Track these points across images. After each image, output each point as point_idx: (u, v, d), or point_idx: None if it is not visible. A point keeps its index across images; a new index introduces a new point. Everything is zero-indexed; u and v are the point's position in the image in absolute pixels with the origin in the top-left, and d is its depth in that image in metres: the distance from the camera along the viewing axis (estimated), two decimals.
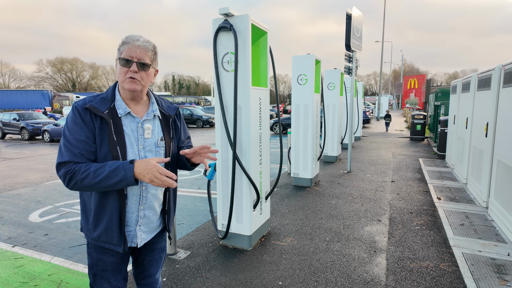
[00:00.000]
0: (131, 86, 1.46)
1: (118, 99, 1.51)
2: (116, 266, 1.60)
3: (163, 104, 1.67)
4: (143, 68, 1.46)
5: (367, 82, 75.81)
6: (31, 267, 3.26)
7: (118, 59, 1.46)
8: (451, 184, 5.99)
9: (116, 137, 1.44)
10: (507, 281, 2.75)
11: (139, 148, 1.51)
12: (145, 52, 1.45)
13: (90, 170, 1.36)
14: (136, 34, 1.47)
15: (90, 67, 64.37)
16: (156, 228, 1.68)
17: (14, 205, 5.36)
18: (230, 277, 2.98)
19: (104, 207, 1.48)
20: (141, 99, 1.57)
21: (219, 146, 3.52)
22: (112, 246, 1.51)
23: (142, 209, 1.55)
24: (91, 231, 1.52)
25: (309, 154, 6.14)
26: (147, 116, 1.56)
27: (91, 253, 1.58)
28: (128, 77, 1.45)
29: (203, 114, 22.51)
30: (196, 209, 4.99)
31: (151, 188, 1.55)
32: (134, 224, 1.56)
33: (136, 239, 1.58)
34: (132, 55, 1.43)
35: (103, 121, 1.44)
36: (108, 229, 1.48)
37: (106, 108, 1.45)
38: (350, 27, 6.92)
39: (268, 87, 3.75)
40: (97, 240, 1.52)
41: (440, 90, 11.73)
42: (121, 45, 1.46)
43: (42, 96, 33.74)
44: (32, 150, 12.33)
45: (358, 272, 3.04)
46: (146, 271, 1.74)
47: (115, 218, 1.48)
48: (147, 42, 1.47)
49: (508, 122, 3.83)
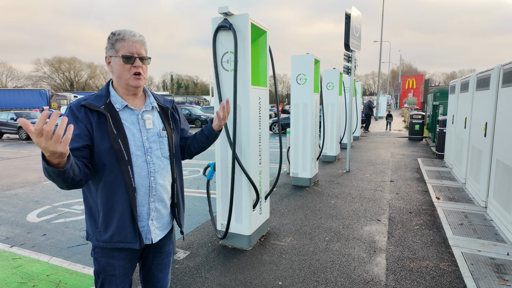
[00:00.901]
0: (137, 83, 1.49)
1: (114, 94, 1.50)
2: (125, 270, 1.56)
3: (158, 98, 1.69)
4: (143, 62, 1.50)
5: (365, 82, 75.98)
6: (29, 267, 3.24)
7: (116, 57, 1.45)
8: (449, 183, 6.00)
9: (116, 130, 1.43)
10: (506, 280, 2.75)
11: (143, 139, 1.50)
12: (142, 46, 1.49)
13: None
14: (127, 29, 1.47)
15: (88, 67, 64.21)
16: (168, 224, 1.66)
17: (12, 205, 5.33)
18: (229, 277, 2.97)
19: (113, 205, 1.45)
20: (139, 92, 1.58)
21: (218, 146, 3.51)
22: (127, 244, 1.48)
23: (153, 201, 1.53)
24: (102, 233, 1.47)
25: (308, 153, 6.13)
26: (146, 107, 1.56)
27: (98, 258, 1.52)
28: (133, 73, 1.46)
29: (202, 113, 22.50)
30: (195, 209, 4.98)
31: (159, 178, 1.53)
32: (146, 219, 1.53)
33: (150, 235, 1.55)
34: (132, 51, 1.45)
35: (100, 116, 1.42)
36: (120, 227, 1.45)
37: (102, 103, 1.45)
38: (349, 27, 6.92)
39: (267, 86, 3.74)
40: (110, 242, 1.47)
41: (438, 90, 11.76)
42: (115, 42, 1.44)
43: (40, 95, 33.62)
44: (29, 150, 12.27)
45: (358, 272, 3.03)
46: (155, 276, 1.71)
47: (127, 214, 1.45)
48: (142, 36, 1.51)
49: (507, 121, 3.84)
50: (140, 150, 1.48)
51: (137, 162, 1.47)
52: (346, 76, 10.70)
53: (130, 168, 1.43)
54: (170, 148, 1.60)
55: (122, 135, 1.43)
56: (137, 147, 1.47)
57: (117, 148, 1.40)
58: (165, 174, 1.57)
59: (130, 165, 1.43)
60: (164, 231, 1.63)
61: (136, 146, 1.47)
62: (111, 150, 1.40)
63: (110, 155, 1.41)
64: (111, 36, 1.46)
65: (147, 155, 1.50)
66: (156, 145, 1.54)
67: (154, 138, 1.54)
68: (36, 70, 58.31)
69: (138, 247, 1.48)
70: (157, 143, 1.54)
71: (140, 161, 1.48)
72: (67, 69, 61.19)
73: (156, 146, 1.54)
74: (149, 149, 1.51)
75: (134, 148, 1.46)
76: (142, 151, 1.49)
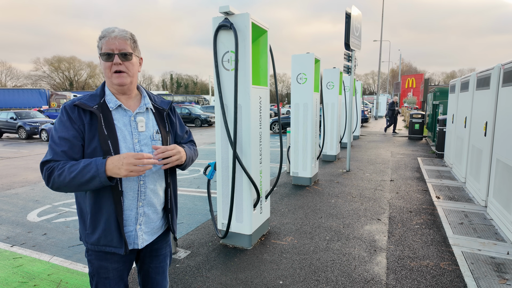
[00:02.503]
0: (119, 81, 1.43)
1: (108, 94, 1.48)
2: (119, 273, 1.54)
3: (155, 99, 1.64)
4: (126, 58, 1.42)
5: (365, 81, 75.94)
6: (30, 266, 3.24)
7: (100, 56, 1.42)
8: (449, 183, 6.01)
9: (107, 131, 1.40)
10: (507, 279, 2.76)
11: (134, 142, 1.46)
12: (124, 41, 1.41)
13: (66, 166, 1.32)
14: (111, 27, 1.44)
15: (88, 66, 64.07)
16: (158, 229, 1.62)
17: (12, 205, 5.33)
18: (230, 276, 2.97)
19: (100, 208, 1.42)
20: (131, 92, 1.53)
21: (219, 145, 3.51)
22: (113, 248, 1.46)
23: (141, 206, 1.49)
24: (90, 235, 1.46)
25: (308, 153, 6.13)
26: (139, 109, 1.52)
27: (91, 260, 1.51)
28: (113, 71, 1.41)
29: (202, 113, 22.49)
30: (195, 208, 4.98)
31: (149, 183, 1.50)
32: (133, 223, 1.49)
33: (137, 240, 1.52)
34: (112, 48, 1.39)
35: (92, 116, 1.40)
36: (106, 230, 1.43)
37: (96, 103, 1.43)
38: (350, 26, 6.92)
39: (268, 86, 3.74)
40: (96, 245, 1.46)
41: (438, 89, 11.76)
42: (99, 41, 1.42)
43: (40, 95, 33.57)
44: (29, 149, 12.26)
45: (359, 271, 3.04)
46: (153, 279, 1.69)
47: (113, 218, 1.42)
48: (123, 31, 1.43)
49: (507, 121, 3.85)
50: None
51: None
52: (346, 76, 10.70)
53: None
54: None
55: (112, 136, 1.40)
56: (127, 149, 1.44)
57: (105, 150, 1.38)
58: (156, 179, 1.53)
59: None
60: (153, 236, 1.59)
61: (126, 148, 1.43)
62: (97, 151, 1.38)
63: (95, 156, 1.38)
64: (99, 35, 1.44)
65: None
66: (148, 149, 1.49)
67: (146, 141, 1.50)
68: (36, 69, 58.24)
69: (123, 253, 1.45)
70: (149, 147, 1.50)
71: None
72: (67, 68, 61.09)
73: (148, 149, 1.49)
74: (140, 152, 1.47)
75: (125, 150, 1.43)
76: None
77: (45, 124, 15.09)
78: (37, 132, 15.56)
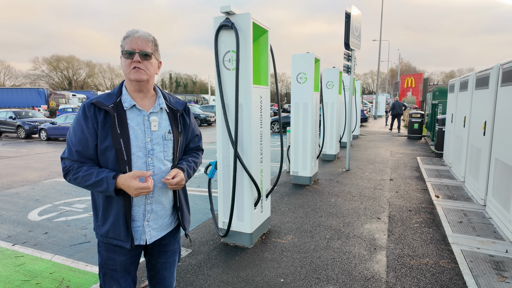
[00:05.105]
0: (137, 76, 1.48)
1: (125, 93, 1.53)
2: (126, 266, 1.59)
3: (171, 99, 1.68)
4: (146, 58, 1.49)
5: (364, 81, 76.02)
6: (32, 265, 3.25)
7: (122, 54, 1.49)
8: (449, 182, 6.04)
9: (120, 129, 1.45)
10: (505, 277, 2.78)
11: (146, 140, 1.51)
12: (145, 42, 1.48)
13: (79, 174, 1.43)
14: (135, 28, 1.51)
15: (87, 65, 64.02)
16: (168, 226, 1.66)
17: (13, 204, 5.34)
18: (232, 274, 3.00)
19: (111, 202, 1.49)
20: (148, 91, 1.58)
21: (220, 144, 3.52)
22: (119, 242, 1.51)
23: (150, 203, 1.54)
24: (100, 227, 1.53)
25: (308, 152, 6.16)
26: (154, 109, 1.57)
27: (101, 251, 1.58)
28: (132, 67, 1.47)
29: (201, 112, 22.48)
30: (196, 207, 5.00)
31: (157, 181, 1.54)
32: (141, 219, 1.55)
33: (145, 236, 1.57)
34: (134, 47, 1.46)
35: (106, 115, 1.46)
36: (115, 224, 1.49)
37: (112, 102, 1.48)
38: (349, 26, 6.94)
39: (269, 85, 3.76)
40: (105, 237, 1.53)
41: (437, 89, 11.79)
42: (123, 40, 1.49)
43: (38, 94, 33.53)
44: (29, 149, 12.25)
45: (359, 269, 3.06)
46: (160, 274, 1.73)
47: (122, 213, 1.48)
48: (147, 33, 1.51)
49: (506, 120, 3.87)
50: (141, 152, 1.50)
51: (137, 163, 1.49)
52: (345, 75, 10.73)
53: (128, 168, 1.46)
54: (174, 151, 1.60)
55: (125, 135, 1.45)
56: (138, 148, 1.49)
57: (117, 148, 1.43)
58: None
59: (128, 165, 1.46)
60: (162, 232, 1.63)
61: (137, 147, 1.48)
62: (109, 149, 1.44)
63: (111, 153, 1.44)
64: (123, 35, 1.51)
65: (148, 157, 1.51)
66: (160, 148, 1.54)
67: (158, 141, 1.54)
68: (34, 68, 58.15)
69: (128, 247, 1.50)
70: (160, 146, 1.55)
71: (140, 162, 1.49)
72: (65, 67, 60.99)
73: (159, 148, 1.54)
74: (151, 151, 1.52)
75: (136, 149, 1.48)
76: (144, 153, 1.50)
77: (44, 124, 15.07)
78: (36, 132, 15.56)
